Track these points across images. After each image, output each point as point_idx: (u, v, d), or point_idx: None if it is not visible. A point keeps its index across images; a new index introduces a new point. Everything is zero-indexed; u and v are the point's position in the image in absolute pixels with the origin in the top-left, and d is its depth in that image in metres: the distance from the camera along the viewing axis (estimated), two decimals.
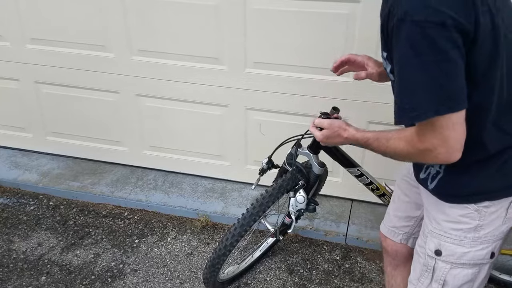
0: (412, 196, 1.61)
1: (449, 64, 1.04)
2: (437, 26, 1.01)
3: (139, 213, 2.80)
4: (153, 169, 3.09)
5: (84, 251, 2.50)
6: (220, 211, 2.73)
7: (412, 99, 1.07)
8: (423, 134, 1.12)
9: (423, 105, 1.06)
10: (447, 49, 1.02)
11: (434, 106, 1.06)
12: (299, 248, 2.53)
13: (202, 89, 2.67)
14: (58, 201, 2.90)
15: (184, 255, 2.48)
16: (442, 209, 1.32)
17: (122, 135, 3.01)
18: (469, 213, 1.27)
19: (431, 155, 1.13)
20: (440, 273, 1.35)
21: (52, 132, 3.15)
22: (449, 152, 1.11)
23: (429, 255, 1.36)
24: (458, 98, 1.06)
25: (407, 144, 1.18)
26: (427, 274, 1.39)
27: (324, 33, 2.33)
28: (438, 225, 1.33)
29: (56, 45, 2.79)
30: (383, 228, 1.75)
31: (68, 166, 3.15)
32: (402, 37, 1.05)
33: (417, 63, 1.04)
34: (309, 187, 1.99)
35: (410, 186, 1.60)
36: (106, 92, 2.87)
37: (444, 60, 1.03)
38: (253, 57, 2.50)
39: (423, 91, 1.06)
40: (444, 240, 1.32)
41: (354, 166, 1.97)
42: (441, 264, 1.34)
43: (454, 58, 1.04)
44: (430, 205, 1.37)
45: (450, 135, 1.09)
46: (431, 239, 1.35)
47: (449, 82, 1.05)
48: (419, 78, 1.05)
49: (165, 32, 2.56)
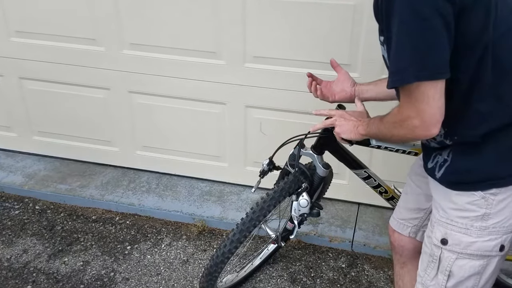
0: (423, 187, 1.66)
1: (432, 32, 1.12)
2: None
3: (131, 218, 2.80)
4: (146, 171, 3.09)
5: (72, 258, 2.51)
6: (218, 215, 2.73)
7: (397, 64, 1.18)
8: (402, 105, 1.24)
9: (405, 70, 1.16)
10: (430, 17, 1.11)
11: (415, 71, 1.15)
12: (302, 255, 2.53)
13: (198, 85, 2.67)
14: (44, 205, 2.91)
15: (179, 262, 2.49)
16: (449, 197, 1.37)
17: (113, 135, 3.02)
18: (476, 200, 1.31)
19: (408, 128, 1.24)
20: (446, 263, 1.39)
21: (38, 131, 3.16)
22: (425, 126, 1.20)
23: (435, 244, 1.41)
24: (439, 66, 1.15)
25: (389, 120, 1.32)
26: (433, 264, 1.43)
27: (330, 26, 2.33)
28: (444, 213, 1.38)
29: (42, 38, 2.79)
30: (392, 221, 1.81)
31: (56, 167, 3.15)
32: (389, 6, 1.15)
33: (402, 30, 1.14)
34: (312, 190, 1.99)
35: (421, 178, 1.65)
36: (95, 89, 2.87)
37: (427, 28, 1.12)
38: (253, 51, 2.51)
39: (406, 56, 1.16)
40: (450, 229, 1.37)
41: (361, 168, 1.97)
42: (447, 253, 1.38)
43: (437, 27, 1.12)
44: (438, 194, 1.42)
45: (425, 108, 1.18)
46: (438, 228, 1.40)
47: (431, 50, 1.14)
48: (403, 45, 1.15)
49: (159, 25, 2.57)
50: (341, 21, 2.31)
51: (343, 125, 1.60)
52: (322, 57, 2.40)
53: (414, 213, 1.72)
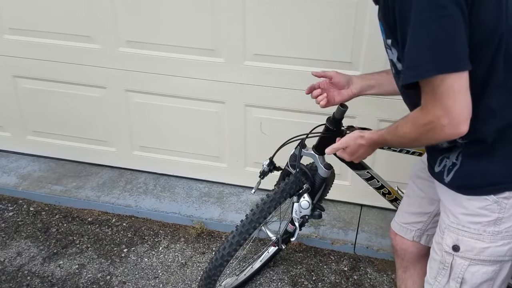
0: (427, 191, 1.65)
1: (449, 20, 1.09)
2: None
3: (128, 220, 2.80)
4: (143, 172, 3.09)
5: (67, 261, 2.51)
6: (217, 217, 2.73)
7: (414, 57, 1.13)
8: (426, 106, 1.18)
9: (424, 63, 1.12)
10: (446, 4, 1.08)
11: (435, 64, 1.11)
12: (303, 258, 2.53)
13: (197, 84, 2.67)
14: (39, 206, 2.91)
15: (177, 265, 2.49)
16: (459, 202, 1.36)
17: (109, 134, 3.02)
18: (489, 205, 1.31)
19: (436, 129, 1.17)
20: (458, 270, 1.39)
21: (33, 131, 3.16)
22: (454, 124, 1.14)
23: (447, 251, 1.40)
24: (460, 56, 1.11)
25: (412, 124, 1.25)
26: (444, 272, 1.42)
27: (332, 22, 2.33)
28: (455, 219, 1.37)
29: (36, 36, 2.79)
30: (395, 225, 1.80)
31: (50, 168, 3.15)
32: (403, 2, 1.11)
33: (417, 20, 1.10)
34: (314, 191, 1.99)
35: (425, 181, 1.65)
36: (91, 87, 2.87)
37: (443, 15, 1.08)
38: (253, 48, 2.51)
39: (424, 48, 1.11)
40: (462, 235, 1.36)
41: (363, 168, 1.97)
42: (459, 260, 1.38)
43: (454, 14, 1.09)
44: (447, 199, 1.41)
45: (452, 104, 1.13)
46: (449, 234, 1.39)
47: (450, 39, 1.10)
48: (419, 35, 1.11)
49: (156, 21, 2.57)
50: (343, 18, 2.31)
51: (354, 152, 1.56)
52: (324, 55, 2.40)
53: (417, 217, 1.71)
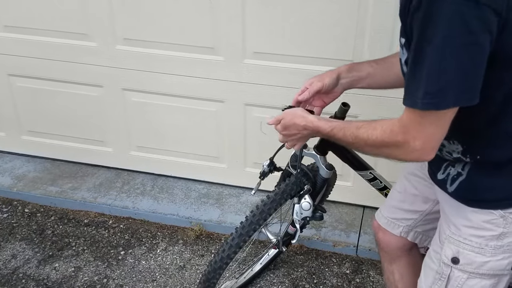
0: (422, 190, 1.64)
1: (478, 48, 1.04)
2: (470, 3, 1.00)
3: (125, 222, 2.80)
4: (140, 172, 3.09)
5: (63, 264, 2.51)
6: (216, 219, 2.73)
7: (435, 83, 1.07)
8: (407, 125, 1.14)
9: (446, 92, 1.06)
10: (478, 31, 1.02)
11: (456, 94, 1.06)
12: (304, 261, 2.53)
13: (195, 82, 2.67)
14: (34, 208, 2.91)
15: (175, 268, 2.49)
16: (463, 213, 1.34)
17: (106, 134, 3.02)
18: (494, 219, 1.29)
19: (406, 150, 1.16)
20: (455, 283, 1.37)
21: (28, 130, 3.16)
22: (425, 150, 1.14)
23: (445, 262, 1.38)
24: (477, 89, 1.07)
25: (383, 133, 1.20)
26: (440, 282, 1.41)
27: (334, 19, 2.33)
28: (457, 230, 1.35)
29: (31, 33, 2.79)
30: (381, 218, 1.78)
31: (46, 168, 3.15)
32: (429, 17, 1.04)
33: (444, 44, 1.03)
34: (315, 193, 1.99)
35: (421, 180, 1.63)
36: (88, 86, 2.87)
37: (473, 43, 1.03)
38: (252, 46, 2.51)
39: (449, 75, 1.05)
40: (463, 247, 1.34)
41: (366, 169, 1.97)
42: (458, 273, 1.36)
43: (483, 43, 1.04)
44: (449, 209, 1.38)
45: (434, 133, 1.12)
46: (449, 246, 1.37)
47: (474, 70, 1.06)
48: (443, 62, 1.05)
49: (154, 19, 2.57)
50: (345, 15, 2.31)
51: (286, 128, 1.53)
52: (326, 53, 2.40)
53: (408, 214, 1.70)
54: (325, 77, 1.64)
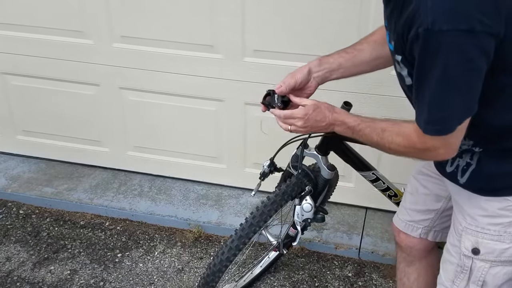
0: (431, 188, 1.66)
1: (475, 73, 1.12)
2: (466, 33, 1.06)
3: (122, 223, 2.80)
4: (138, 173, 3.09)
5: (59, 266, 2.51)
6: (215, 221, 2.73)
7: (438, 112, 1.17)
8: (423, 138, 1.23)
9: (449, 118, 1.17)
10: (475, 58, 1.09)
11: (457, 118, 1.17)
12: (305, 264, 2.53)
13: (194, 81, 2.67)
14: (29, 209, 2.91)
15: (173, 271, 2.49)
16: (477, 203, 1.37)
17: (102, 134, 3.02)
18: (509, 205, 1.32)
19: (430, 155, 1.28)
20: (478, 273, 1.41)
21: (22, 130, 3.16)
22: (449, 152, 1.25)
23: (465, 254, 1.41)
24: (475, 103, 1.16)
25: (404, 140, 1.30)
26: (463, 275, 1.44)
27: (337, 16, 2.33)
28: (474, 221, 1.38)
29: (26, 31, 2.79)
30: (399, 222, 1.81)
31: (41, 169, 3.15)
32: (428, 49, 1.10)
33: (444, 74, 1.11)
34: (317, 194, 1.99)
35: (429, 178, 1.66)
36: (84, 85, 2.87)
37: (470, 69, 1.11)
38: (252, 44, 2.51)
39: (450, 104, 1.15)
40: (482, 237, 1.37)
41: (369, 170, 1.97)
42: (480, 263, 1.40)
43: (480, 66, 1.11)
44: (462, 200, 1.42)
45: (454, 141, 1.22)
46: (467, 237, 1.40)
47: (472, 92, 1.14)
48: (445, 91, 1.13)
49: (152, 16, 2.57)
50: (348, 12, 2.31)
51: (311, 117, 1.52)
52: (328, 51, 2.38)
53: (424, 215, 1.72)
54: (297, 73, 1.67)
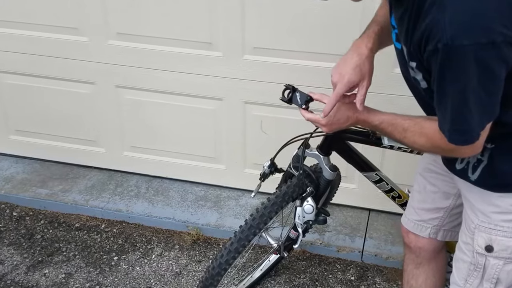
0: (439, 185, 1.67)
1: (495, 82, 1.15)
2: (487, 46, 1.09)
3: (118, 226, 2.80)
4: (135, 174, 3.09)
5: (53, 270, 2.51)
6: (214, 223, 2.74)
7: (462, 122, 1.20)
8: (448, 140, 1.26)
9: (473, 130, 1.21)
10: (494, 67, 1.12)
11: (481, 125, 1.20)
12: (307, 267, 2.53)
13: (192, 79, 2.67)
14: (23, 211, 2.91)
15: (171, 275, 2.49)
16: (489, 200, 1.38)
17: (98, 134, 3.02)
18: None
19: (455, 153, 1.32)
20: (492, 271, 1.42)
21: (16, 130, 3.15)
22: (474, 151, 1.29)
23: (479, 252, 1.43)
24: (497, 108, 1.19)
25: (428, 141, 1.33)
26: (476, 273, 1.45)
27: (338, 11, 2.33)
28: (487, 218, 1.40)
29: (19, 27, 2.79)
30: (407, 222, 1.81)
31: (35, 170, 3.15)
32: (449, 63, 1.13)
33: (466, 88, 1.14)
34: (318, 195, 1.99)
35: (436, 175, 1.66)
36: (79, 83, 2.87)
37: (491, 79, 1.14)
38: (252, 41, 2.51)
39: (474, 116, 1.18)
40: (495, 234, 1.39)
41: (372, 170, 1.97)
42: (493, 261, 1.41)
43: (499, 74, 1.14)
44: (474, 197, 1.43)
45: (478, 142, 1.24)
46: (480, 234, 1.42)
47: (494, 100, 1.18)
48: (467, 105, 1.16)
49: (149, 12, 2.57)
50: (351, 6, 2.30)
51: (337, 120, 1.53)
52: (331, 48, 2.39)
53: (433, 213, 1.73)
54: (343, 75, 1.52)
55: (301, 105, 1.66)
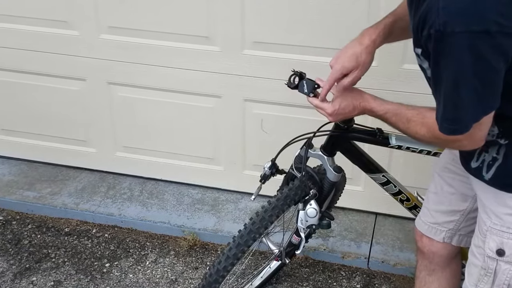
0: (457, 186, 1.67)
1: (491, 72, 1.16)
2: (480, 35, 1.10)
3: (110, 230, 2.80)
4: (128, 176, 3.09)
5: (41, 277, 2.51)
6: (212, 227, 2.74)
7: (453, 111, 1.23)
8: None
9: (463, 119, 1.22)
10: (489, 57, 1.13)
11: (474, 117, 1.22)
12: (310, 274, 2.53)
13: (189, 75, 2.67)
14: (9, 215, 2.91)
15: (166, 282, 2.49)
16: (503, 201, 1.39)
17: (89, 133, 3.02)
18: None
19: (454, 145, 1.37)
20: (503, 276, 1.43)
21: (2, 129, 3.16)
22: (473, 144, 1.31)
23: (490, 256, 1.43)
24: (494, 102, 1.21)
25: (429, 131, 1.35)
26: (487, 278, 1.46)
27: (341, 4, 2.33)
28: (499, 220, 1.40)
29: (5, 21, 2.79)
30: (421, 225, 1.81)
31: (22, 171, 3.15)
32: (441, 50, 1.15)
33: (458, 76, 1.16)
34: (322, 198, 1.99)
35: (455, 175, 1.67)
36: (69, 80, 2.87)
37: (486, 69, 1.15)
38: (252, 35, 2.51)
39: (463, 105, 1.20)
40: (507, 237, 1.40)
41: (379, 172, 1.97)
42: (505, 265, 1.42)
43: (496, 66, 1.15)
44: (487, 198, 1.43)
45: (475, 132, 1.25)
46: (491, 237, 1.42)
47: (490, 91, 1.19)
48: (459, 93, 1.19)
49: (142, 5, 2.57)
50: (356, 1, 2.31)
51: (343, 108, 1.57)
52: (335, 43, 2.38)
53: (448, 216, 1.73)
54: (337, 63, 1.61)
55: (308, 93, 1.69)
